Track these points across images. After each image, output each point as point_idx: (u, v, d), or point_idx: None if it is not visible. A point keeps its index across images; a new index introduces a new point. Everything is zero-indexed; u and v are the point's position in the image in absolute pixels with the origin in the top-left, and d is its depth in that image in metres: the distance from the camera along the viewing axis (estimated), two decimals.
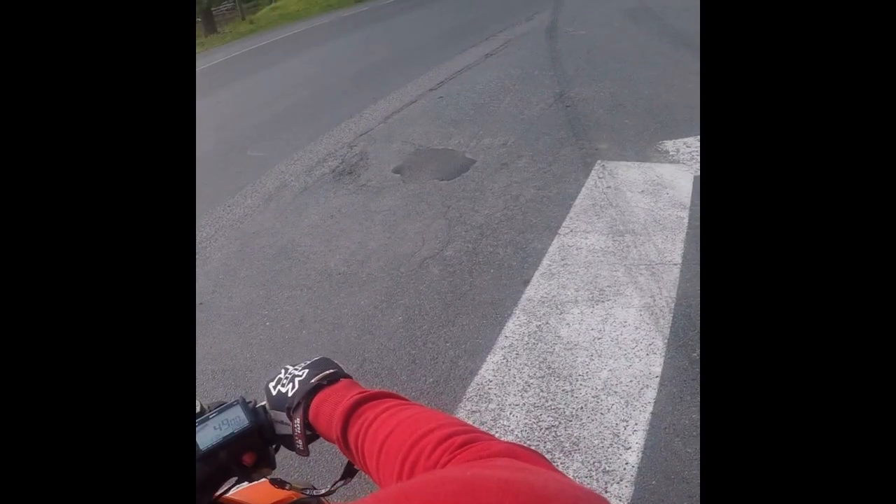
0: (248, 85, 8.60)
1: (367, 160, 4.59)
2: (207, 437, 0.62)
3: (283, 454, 0.69)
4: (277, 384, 0.67)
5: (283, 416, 0.65)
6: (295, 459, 1.90)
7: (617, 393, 2.07)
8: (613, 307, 2.51)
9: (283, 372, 0.68)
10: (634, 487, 1.75)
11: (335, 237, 3.54)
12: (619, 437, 1.91)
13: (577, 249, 2.96)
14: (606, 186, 3.53)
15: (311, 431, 0.64)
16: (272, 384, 0.68)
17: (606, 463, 1.83)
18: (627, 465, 1.82)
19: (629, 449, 1.87)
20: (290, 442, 0.65)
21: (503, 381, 2.22)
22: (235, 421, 0.64)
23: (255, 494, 0.79)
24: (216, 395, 2.43)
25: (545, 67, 6.16)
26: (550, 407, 2.07)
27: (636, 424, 1.94)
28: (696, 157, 3.68)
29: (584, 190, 3.54)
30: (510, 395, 2.15)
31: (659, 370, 2.14)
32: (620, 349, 2.27)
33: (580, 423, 1.99)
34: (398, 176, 4.22)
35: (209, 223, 4.04)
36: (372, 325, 2.70)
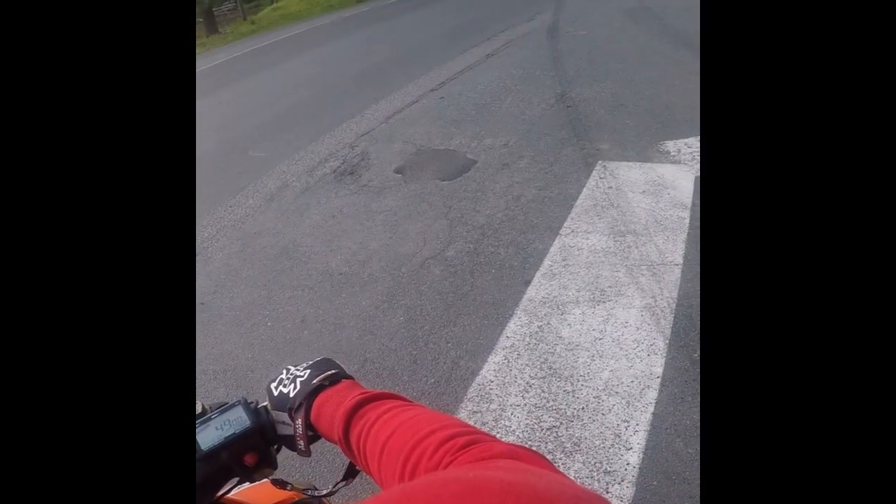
0: (249, 85, 8.61)
1: (368, 160, 4.59)
2: (209, 437, 0.62)
3: (284, 455, 0.69)
4: (279, 385, 0.67)
5: (284, 416, 0.65)
6: (296, 460, 1.90)
7: (618, 393, 2.07)
8: (615, 308, 2.51)
9: (284, 372, 0.68)
10: (636, 488, 1.75)
11: (336, 237, 3.54)
12: (620, 437, 1.91)
13: (578, 250, 2.96)
14: (608, 187, 3.52)
15: (312, 432, 0.64)
16: (274, 385, 0.68)
17: (608, 463, 1.83)
18: (629, 465, 1.82)
19: (630, 449, 1.86)
20: (291, 442, 0.65)
21: (504, 381, 2.22)
22: (237, 421, 0.64)
23: (256, 495, 0.79)
24: (218, 395, 2.43)
25: (546, 68, 6.16)
26: (552, 407, 2.07)
27: (637, 425, 1.94)
28: (697, 157, 3.68)
29: (585, 190, 3.54)
30: (511, 395, 2.15)
31: (660, 371, 2.14)
32: (622, 350, 2.27)
33: (581, 423, 1.98)
34: (399, 176, 4.22)
35: (211, 223, 4.04)
36: (373, 325, 2.70)
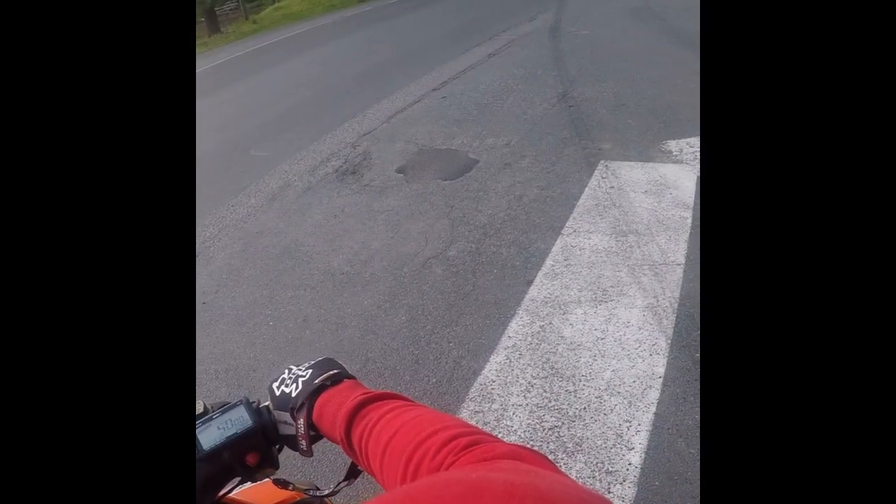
0: (251, 84, 8.62)
1: (370, 160, 4.59)
2: (211, 437, 0.62)
3: (286, 454, 0.69)
4: (281, 384, 0.67)
5: (286, 416, 0.65)
6: (298, 460, 1.91)
7: (620, 393, 2.07)
8: (617, 307, 2.50)
9: (286, 372, 0.68)
10: (637, 488, 1.75)
11: (338, 237, 3.54)
12: (622, 437, 1.91)
13: (580, 250, 2.96)
14: (610, 186, 3.52)
15: (314, 432, 0.64)
16: (276, 384, 0.68)
17: (609, 463, 1.83)
18: (630, 465, 1.81)
19: (632, 450, 1.86)
20: (293, 442, 0.65)
21: (506, 381, 2.22)
22: (239, 421, 0.64)
23: (258, 495, 0.79)
24: (219, 394, 2.43)
25: (548, 67, 6.16)
26: (553, 407, 2.06)
27: (639, 425, 1.94)
28: (699, 157, 3.67)
29: (587, 190, 3.53)
30: (513, 395, 2.15)
31: (662, 371, 2.13)
32: (624, 349, 2.26)
33: (583, 423, 1.98)
34: (401, 176, 4.22)
35: (213, 223, 4.05)
36: (375, 324, 2.70)
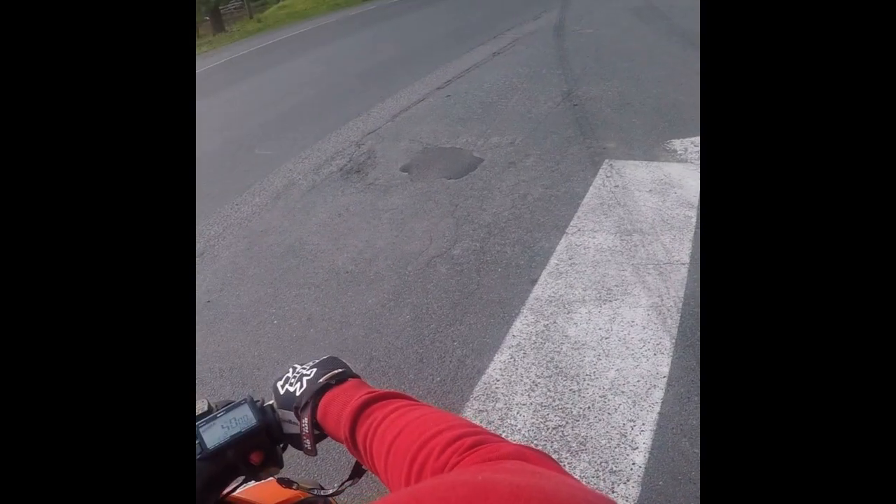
0: (255, 83, 8.63)
1: (374, 159, 4.59)
2: (215, 435, 0.62)
3: (290, 453, 0.69)
4: (285, 383, 0.67)
5: (290, 415, 0.65)
6: (302, 459, 1.91)
7: (624, 393, 2.06)
8: (621, 307, 2.50)
9: (290, 371, 0.68)
10: (641, 488, 1.74)
11: (343, 235, 3.55)
12: (626, 437, 1.90)
13: (584, 249, 2.95)
14: (614, 185, 3.51)
15: (318, 431, 0.64)
16: (280, 383, 0.68)
17: (613, 463, 1.83)
18: (634, 465, 1.81)
19: (636, 449, 1.86)
20: (297, 441, 0.65)
21: (510, 380, 2.22)
22: (243, 420, 0.64)
23: (262, 493, 0.79)
24: (224, 393, 2.43)
25: (553, 66, 6.15)
26: (557, 406, 2.06)
27: (643, 424, 1.93)
28: None
29: (591, 189, 3.53)
30: (517, 394, 2.15)
31: (667, 370, 2.13)
32: (628, 349, 2.26)
33: (587, 422, 1.98)
34: (406, 174, 4.22)
35: (217, 221, 4.05)
36: (379, 323, 2.70)
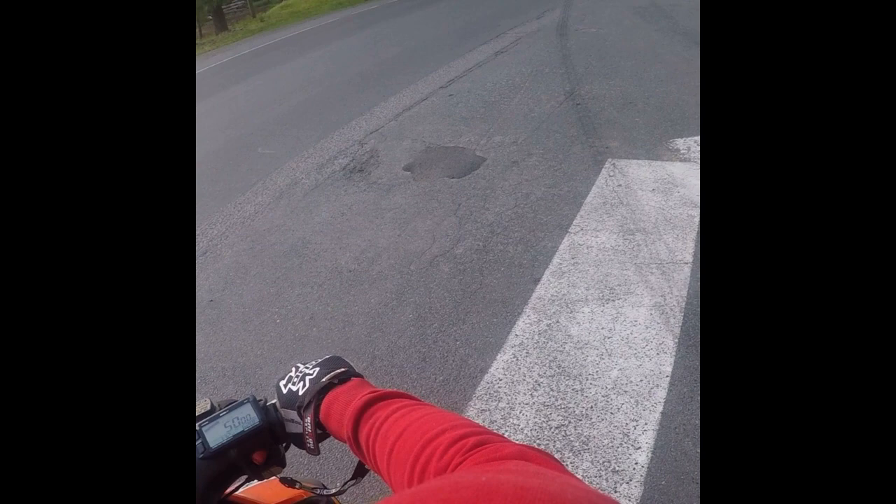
0: (258, 82, 8.63)
1: (377, 158, 4.59)
2: (218, 435, 0.62)
3: (293, 452, 0.69)
4: (288, 382, 0.67)
5: (293, 414, 0.65)
6: (305, 458, 1.91)
7: (627, 392, 2.06)
8: (624, 306, 2.50)
9: (293, 370, 0.68)
10: (644, 487, 1.74)
11: (346, 234, 3.55)
12: (628, 436, 1.90)
13: (587, 248, 2.95)
14: (617, 185, 3.51)
15: (321, 430, 0.64)
16: (283, 382, 0.68)
17: (616, 462, 1.83)
18: (637, 464, 1.81)
19: (639, 449, 1.86)
20: (300, 440, 0.65)
21: (513, 379, 2.22)
22: (246, 419, 0.64)
23: (264, 493, 0.79)
24: (226, 392, 2.44)
25: (555, 65, 6.14)
26: (560, 406, 2.06)
27: (646, 424, 1.93)
28: None
29: (594, 188, 3.52)
30: (520, 393, 2.15)
31: (669, 369, 2.12)
32: (631, 348, 2.26)
33: (590, 422, 1.98)
34: (409, 173, 4.22)
35: (220, 220, 4.06)
36: (382, 322, 2.70)
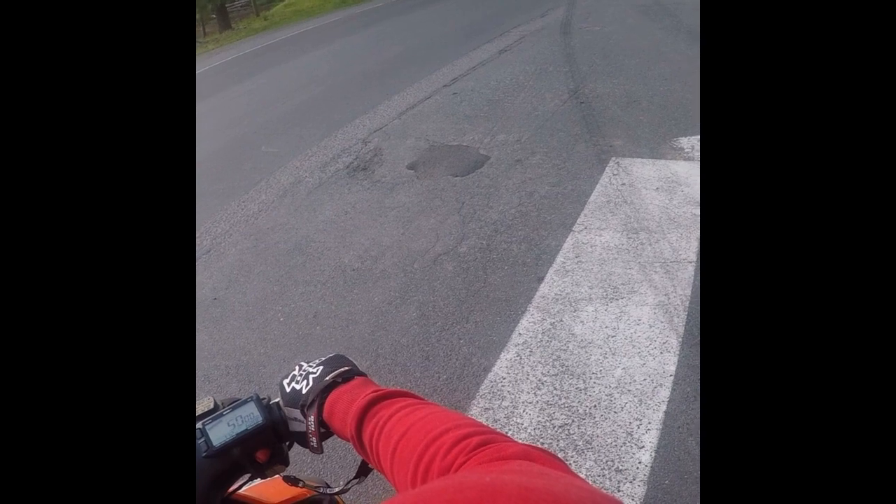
0: (261, 81, 8.64)
1: (381, 156, 4.59)
2: (221, 433, 0.62)
3: (296, 451, 0.69)
4: (291, 381, 0.67)
5: (297, 413, 0.65)
6: (308, 457, 1.91)
7: (630, 391, 2.06)
8: (628, 305, 2.49)
9: (297, 369, 0.68)
10: (647, 486, 1.74)
11: (349, 233, 3.55)
12: (632, 435, 1.90)
13: (591, 247, 2.94)
14: (621, 183, 3.50)
15: (325, 429, 0.64)
16: (286, 381, 0.68)
17: (619, 462, 1.82)
18: (640, 464, 1.81)
19: (642, 448, 1.85)
20: (303, 439, 0.65)
21: (517, 378, 2.22)
22: (249, 418, 0.64)
23: (268, 491, 0.79)
24: (230, 390, 2.44)
25: (559, 63, 6.12)
26: (564, 405, 2.06)
27: (650, 423, 1.93)
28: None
29: (598, 187, 3.51)
30: (523, 392, 2.14)
31: (673, 369, 2.12)
32: (634, 347, 2.25)
33: (593, 421, 1.97)
34: (412, 172, 4.22)
35: (224, 219, 4.07)
36: (385, 321, 2.70)
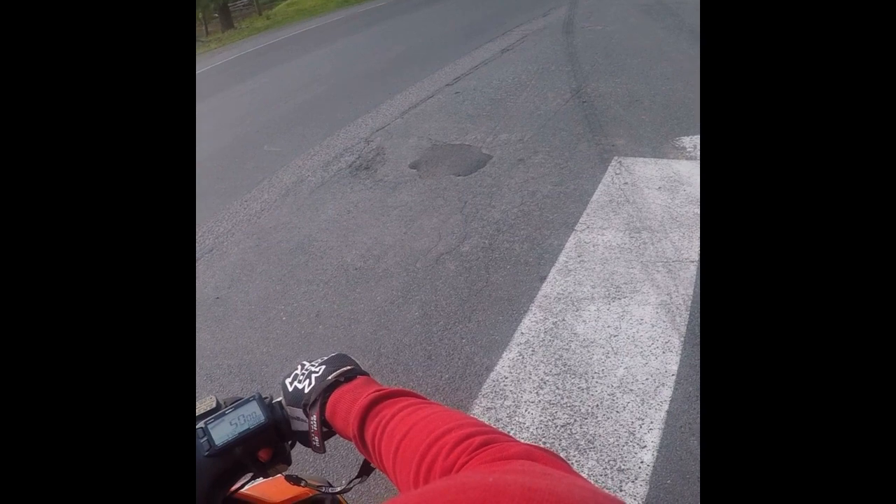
0: (263, 80, 8.64)
1: (383, 155, 4.59)
2: (223, 432, 0.62)
3: (298, 450, 0.69)
4: (294, 380, 0.67)
5: (299, 412, 0.65)
6: (310, 456, 1.92)
7: (633, 391, 2.06)
8: (630, 304, 2.49)
9: (299, 368, 0.68)
10: (649, 486, 1.74)
11: (352, 232, 3.55)
12: (634, 435, 1.90)
13: (593, 246, 2.94)
14: (623, 183, 3.49)
15: (327, 428, 0.64)
16: (288, 380, 0.68)
17: (621, 461, 1.82)
18: (643, 463, 1.80)
19: (644, 447, 1.85)
20: (306, 438, 0.65)
21: (519, 377, 2.22)
22: (251, 417, 0.64)
23: (270, 490, 0.79)
24: (232, 389, 2.45)
25: (562, 63, 6.12)
26: (566, 404, 2.06)
27: (652, 423, 1.93)
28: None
29: (600, 186, 3.51)
30: (526, 391, 2.14)
31: (675, 368, 2.12)
32: (636, 347, 2.25)
33: (595, 420, 1.97)
34: (415, 171, 4.22)
35: (226, 218, 4.07)
36: (388, 320, 2.71)
